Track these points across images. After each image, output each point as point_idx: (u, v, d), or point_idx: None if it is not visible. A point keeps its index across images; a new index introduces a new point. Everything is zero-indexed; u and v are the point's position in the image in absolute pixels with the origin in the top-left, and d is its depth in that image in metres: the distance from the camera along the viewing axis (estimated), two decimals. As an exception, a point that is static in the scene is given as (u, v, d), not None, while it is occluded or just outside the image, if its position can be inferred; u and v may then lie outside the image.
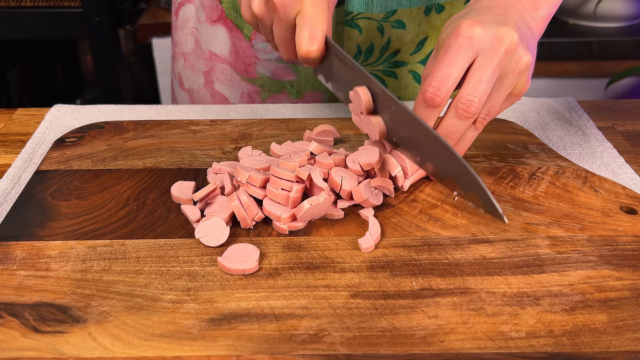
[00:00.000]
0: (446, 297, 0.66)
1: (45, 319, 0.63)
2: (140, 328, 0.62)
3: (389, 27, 1.09)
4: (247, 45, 1.15)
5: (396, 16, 1.08)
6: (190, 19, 1.22)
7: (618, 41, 2.29)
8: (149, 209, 0.79)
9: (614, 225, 0.77)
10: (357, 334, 0.61)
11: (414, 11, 1.08)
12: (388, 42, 1.11)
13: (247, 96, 1.20)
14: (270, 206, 0.75)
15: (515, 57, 0.76)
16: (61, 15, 2.37)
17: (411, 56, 1.14)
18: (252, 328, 0.62)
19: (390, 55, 1.13)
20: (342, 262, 0.71)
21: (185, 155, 0.91)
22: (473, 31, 0.75)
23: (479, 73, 0.75)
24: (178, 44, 1.27)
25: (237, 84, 1.20)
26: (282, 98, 1.19)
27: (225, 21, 1.15)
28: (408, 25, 1.09)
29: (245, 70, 1.17)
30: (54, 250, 0.72)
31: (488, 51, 0.75)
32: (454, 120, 0.77)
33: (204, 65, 1.21)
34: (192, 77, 1.25)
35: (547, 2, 0.82)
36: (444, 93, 0.75)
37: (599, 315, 0.64)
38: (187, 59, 1.25)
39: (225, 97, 1.22)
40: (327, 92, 1.18)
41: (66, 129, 1.02)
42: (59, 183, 0.84)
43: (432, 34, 1.13)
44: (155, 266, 0.70)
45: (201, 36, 1.20)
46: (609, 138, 1.01)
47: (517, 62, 0.76)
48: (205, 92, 1.23)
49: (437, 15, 1.10)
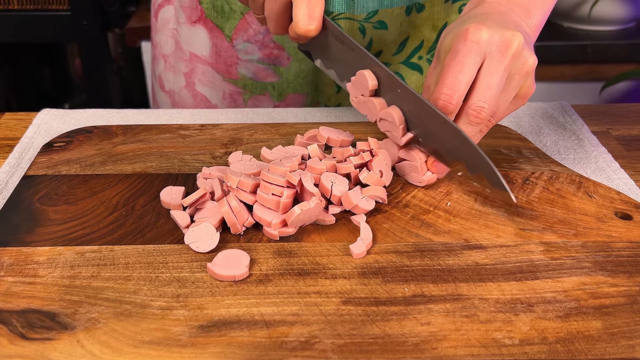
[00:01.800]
0: (439, 303, 0.65)
1: (33, 326, 0.62)
2: (129, 335, 0.61)
3: (370, 28, 1.09)
4: (228, 45, 1.15)
5: (378, 17, 1.08)
6: (170, 20, 1.22)
7: (613, 44, 2.30)
8: (138, 215, 0.78)
9: (609, 231, 0.76)
10: (348, 340, 0.61)
11: (395, 11, 1.08)
12: (370, 43, 1.11)
13: (229, 97, 1.20)
14: (261, 212, 0.75)
15: (521, 59, 0.76)
16: (49, 19, 2.37)
17: (393, 57, 1.15)
18: (243, 335, 0.61)
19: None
20: (334, 268, 0.70)
21: (174, 160, 0.90)
22: (480, 35, 0.76)
23: (488, 78, 0.76)
24: (158, 45, 1.27)
25: (218, 85, 1.19)
26: (264, 100, 1.19)
27: (205, 22, 1.15)
28: (390, 25, 1.09)
29: (226, 71, 1.17)
30: (41, 256, 0.71)
31: (496, 54, 0.76)
32: (465, 127, 0.77)
33: (185, 66, 1.21)
34: (172, 79, 1.25)
35: (539, 9, 0.83)
36: (457, 100, 0.75)
37: (593, 322, 0.63)
38: (167, 60, 1.25)
39: (207, 98, 1.21)
40: (310, 95, 1.18)
41: (54, 134, 1.01)
42: (47, 188, 0.83)
43: (413, 34, 1.13)
44: (145, 272, 0.69)
45: (181, 37, 1.20)
46: (603, 143, 1.01)
47: (523, 64, 0.76)
48: (186, 93, 1.23)
49: (417, 15, 1.11)
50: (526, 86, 0.79)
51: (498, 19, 0.79)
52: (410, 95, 0.78)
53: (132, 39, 2.40)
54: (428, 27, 1.13)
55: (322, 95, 1.18)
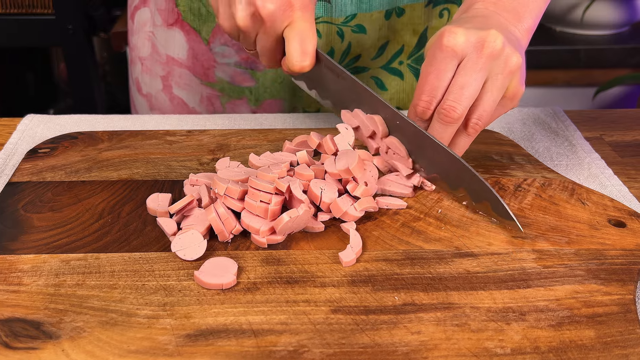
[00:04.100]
0: (429, 312, 0.65)
1: (17, 335, 0.61)
2: (114, 344, 0.60)
3: (349, 32, 1.08)
4: (205, 48, 1.14)
5: (356, 20, 1.07)
6: (146, 22, 1.21)
7: (606, 49, 2.30)
8: (124, 222, 0.78)
9: (602, 239, 0.76)
10: (337, 350, 0.60)
11: (374, 15, 1.07)
12: (349, 47, 1.10)
13: (206, 100, 1.19)
14: (249, 219, 0.74)
15: (502, 57, 0.76)
16: (34, 23, 2.35)
17: (372, 61, 1.14)
18: (230, 344, 0.61)
19: (351, 60, 1.12)
20: (323, 276, 0.69)
21: (161, 166, 0.90)
22: (455, 38, 0.76)
23: (462, 78, 0.76)
24: (135, 48, 1.27)
25: (196, 88, 1.19)
26: (242, 104, 1.18)
27: (182, 24, 1.14)
28: (369, 29, 1.09)
29: (204, 74, 1.17)
30: (26, 264, 0.70)
31: (472, 55, 0.76)
32: (437, 126, 0.78)
33: (162, 69, 1.21)
34: (149, 82, 1.24)
35: (530, 13, 0.83)
36: (434, 106, 0.75)
37: (586, 331, 0.63)
38: (144, 63, 1.24)
39: (185, 101, 1.21)
40: (287, 101, 1.18)
41: (39, 140, 1.01)
42: (31, 195, 0.83)
43: (393, 38, 1.13)
44: (131, 280, 0.68)
45: (158, 40, 1.19)
46: (596, 149, 1.00)
47: (505, 63, 0.76)
48: (163, 97, 1.22)
49: (397, 19, 1.10)
50: (513, 86, 0.78)
51: (480, 21, 0.79)
52: (409, 126, 0.79)
53: (118, 43, 2.39)
54: (408, 31, 1.12)
55: (301, 101, 1.17)
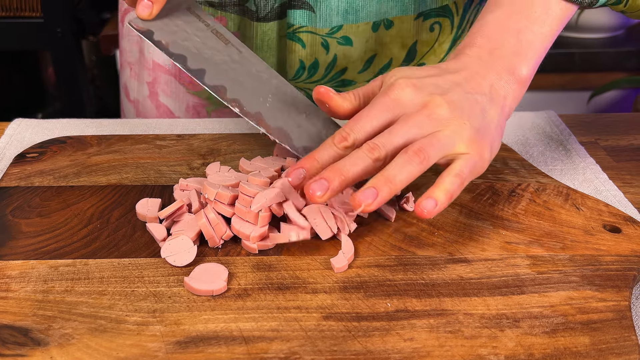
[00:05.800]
0: (422, 319, 0.64)
1: (5, 342, 0.61)
2: (104, 351, 0.60)
3: (334, 44, 1.06)
4: None
5: (342, 32, 1.05)
6: None
7: (601, 53, 2.31)
8: (113, 227, 0.77)
9: (597, 245, 0.76)
10: (329, 357, 0.60)
11: (361, 27, 1.05)
12: (334, 59, 1.08)
13: (192, 109, 1.18)
14: (239, 224, 0.74)
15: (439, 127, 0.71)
16: (21, 26, 2.34)
17: (359, 75, 1.11)
18: (221, 351, 0.60)
19: (337, 73, 1.10)
20: (314, 282, 0.69)
21: (151, 171, 0.89)
22: (403, 94, 0.72)
23: (394, 126, 0.71)
24: (124, 52, 1.26)
25: (182, 97, 1.18)
26: (228, 114, 1.17)
27: None
28: (355, 41, 1.06)
29: (190, 82, 1.16)
30: (14, 270, 0.70)
31: (410, 112, 0.71)
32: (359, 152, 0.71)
33: (148, 75, 1.20)
34: (137, 88, 1.23)
35: (529, 62, 0.77)
36: (351, 142, 0.71)
37: (581, 338, 0.62)
38: (132, 68, 1.23)
39: (170, 110, 1.20)
40: None
41: (27, 144, 1.00)
42: (19, 200, 0.82)
43: (381, 51, 1.10)
44: (120, 287, 0.68)
45: (145, 45, 1.19)
46: (591, 153, 1.00)
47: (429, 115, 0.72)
48: (150, 104, 1.21)
49: (385, 32, 1.07)
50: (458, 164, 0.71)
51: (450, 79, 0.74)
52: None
53: (107, 46, 2.38)
54: (397, 45, 1.09)
55: None
